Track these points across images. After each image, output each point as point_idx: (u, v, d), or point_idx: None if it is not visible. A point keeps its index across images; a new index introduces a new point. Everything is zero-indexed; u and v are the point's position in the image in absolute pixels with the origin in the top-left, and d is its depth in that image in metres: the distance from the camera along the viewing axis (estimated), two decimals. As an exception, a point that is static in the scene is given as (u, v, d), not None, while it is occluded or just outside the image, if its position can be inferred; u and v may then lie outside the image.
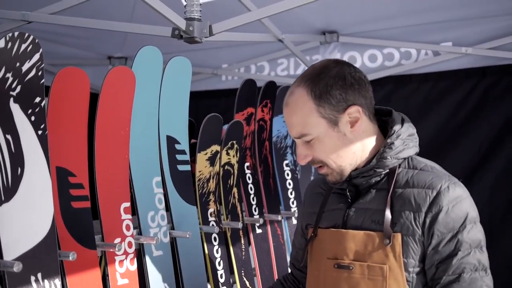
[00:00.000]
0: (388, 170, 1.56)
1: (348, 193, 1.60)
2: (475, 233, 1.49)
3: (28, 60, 1.57)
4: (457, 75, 3.43)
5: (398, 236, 1.49)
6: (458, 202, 1.48)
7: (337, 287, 1.56)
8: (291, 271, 1.89)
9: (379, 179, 1.57)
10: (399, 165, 1.56)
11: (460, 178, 1.55)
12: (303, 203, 1.82)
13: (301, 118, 1.53)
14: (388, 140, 1.55)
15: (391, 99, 3.57)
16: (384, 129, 1.62)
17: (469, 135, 3.39)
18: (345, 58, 3.64)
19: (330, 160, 1.55)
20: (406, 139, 1.57)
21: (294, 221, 2.85)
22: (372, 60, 3.59)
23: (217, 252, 2.29)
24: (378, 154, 1.55)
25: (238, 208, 2.47)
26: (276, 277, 2.63)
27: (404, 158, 1.57)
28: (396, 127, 1.57)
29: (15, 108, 1.55)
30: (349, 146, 1.54)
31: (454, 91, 3.43)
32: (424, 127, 3.44)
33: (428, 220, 1.47)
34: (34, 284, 1.54)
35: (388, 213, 1.50)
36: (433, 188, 1.49)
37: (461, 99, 3.43)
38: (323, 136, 1.53)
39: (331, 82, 1.51)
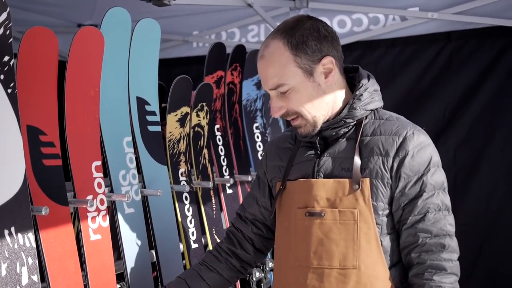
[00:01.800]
0: (355, 121, 1.64)
1: (318, 145, 1.67)
2: (438, 176, 1.60)
3: (-4, 19, 1.59)
4: (424, 40, 3.49)
5: (367, 180, 1.59)
6: (423, 147, 1.59)
7: (309, 234, 1.63)
8: (233, 231, 1.88)
9: (347, 130, 1.65)
10: (366, 116, 1.66)
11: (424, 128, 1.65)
12: (265, 157, 1.86)
13: (278, 68, 1.59)
14: (357, 92, 1.64)
15: (360, 64, 3.49)
16: (351, 85, 1.70)
17: (435, 98, 3.48)
18: (315, 24, 3.68)
19: (305, 110, 1.62)
20: (372, 92, 1.67)
21: (265, 182, 2.91)
22: (341, 26, 3.63)
23: (188, 210, 2.35)
24: (348, 105, 1.64)
25: (209, 169, 2.53)
26: (247, 236, 2.71)
27: (371, 110, 1.66)
28: (364, 81, 1.66)
29: (-17, 67, 1.58)
30: (323, 96, 1.62)
31: (420, 56, 3.50)
32: (392, 91, 3.52)
33: (395, 164, 1.58)
34: (7, 237, 1.58)
35: (357, 160, 1.60)
36: (399, 134, 1.60)
37: (427, 64, 3.50)
38: (299, 86, 1.59)
39: (306, 33, 1.59)
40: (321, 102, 1.62)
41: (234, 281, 1.90)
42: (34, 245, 1.65)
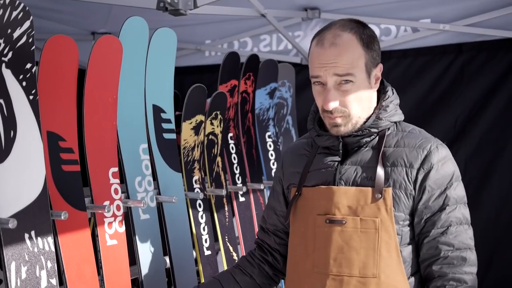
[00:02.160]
0: (378, 132, 1.66)
1: (340, 152, 1.67)
2: (460, 190, 1.63)
3: (19, 27, 1.63)
4: (435, 51, 3.52)
5: (389, 190, 1.59)
6: (446, 161, 1.61)
7: (329, 241, 1.63)
8: (260, 243, 1.90)
9: (369, 140, 1.66)
10: (389, 128, 1.67)
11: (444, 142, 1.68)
12: (281, 165, 1.86)
13: (351, 59, 1.58)
14: (384, 103, 1.67)
15: None
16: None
17: (446, 110, 3.50)
18: (327, 34, 3.71)
19: (355, 109, 1.62)
20: (396, 105, 1.70)
21: (276, 191, 2.94)
22: (353, 37, 3.66)
23: (201, 217, 2.37)
24: (374, 115, 1.65)
25: (222, 177, 2.55)
26: (258, 244, 2.72)
27: (394, 122, 1.68)
28: (389, 93, 1.69)
29: (7, 74, 1.61)
30: (370, 100, 1.66)
31: (431, 67, 3.53)
32: (403, 102, 3.46)
33: (420, 177, 1.59)
34: (28, 241, 1.61)
35: (380, 169, 1.61)
36: (423, 147, 1.61)
37: (438, 75, 3.52)
38: (361, 83, 1.61)
39: (373, 35, 1.64)
40: (368, 104, 1.65)
41: None
42: (53, 249, 1.68)
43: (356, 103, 1.61)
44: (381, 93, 1.70)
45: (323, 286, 1.62)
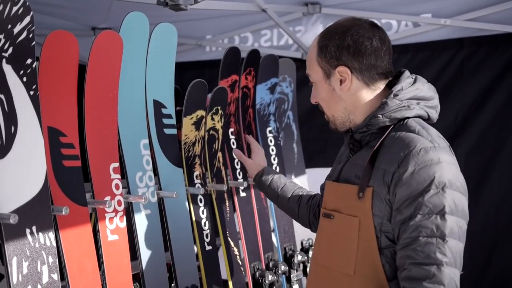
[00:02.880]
0: (381, 129, 1.61)
1: (350, 148, 1.71)
2: (438, 198, 1.45)
3: (20, 23, 1.63)
4: (436, 46, 3.52)
5: (370, 190, 1.54)
6: (428, 166, 1.46)
7: (321, 233, 1.74)
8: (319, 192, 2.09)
9: (374, 137, 1.63)
10: (394, 125, 1.59)
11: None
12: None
13: (309, 61, 1.73)
14: (383, 100, 1.60)
15: None
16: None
17: (447, 105, 3.47)
18: (327, 29, 3.70)
19: (325, 107, 1.73)
20: (407, 100, 1.59)
21: (277, 186, 2.93)
22: (354, 31, 3.65)
23: (202, 213, 2.37)
24: (372, 113, 1.62)
25: (223, 172, 2.55)
26: (260, 239, 2.73)
27: (400, 119, 1.59)
28: (396, 87, 1.60)
29: (7, 69, 1.61)
30: (338, 101, 1.68)
31: (432, 62, 3.52)
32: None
33: (394, 180, 1.50)
34: (29, 236, 1.61)
35: (366, 169, 1.56)
36: (407, 148, 1.50)
37: (439, 70, 3.52)
38: (318, 84, 1.71)
39: (332, 38, 1.63)
40: (336, 105, 1.68)
41: (300, 221, 2.18)
42: (54, 244, 1.68)
43: (323, 103, 1.72)
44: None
45: (315, 275, 1.73)
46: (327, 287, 1.66)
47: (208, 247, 2.37)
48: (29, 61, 1.67)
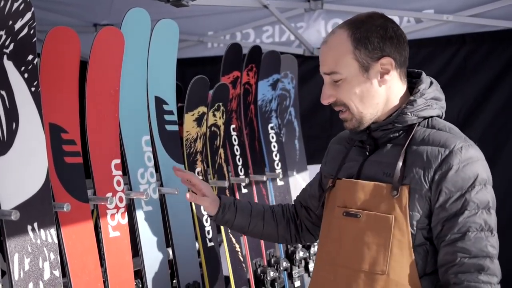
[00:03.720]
0: (407, 127, 1.62)
1: (367, 146, 1.68)
2: (483, 194, 1.53)
3: (21, 19, 1.62)
4: (438, 42, 3.51)
5: (406, 188, 1.55)
6: (470, 163, 1.53)
7: (343, 233, 1.65)
8: (295, 205, 2.02)
9: (397, 134, 1.63)
10: (419, 123, 1.62)
11: (476, 142, 1.62)
12: (326, 153, 1.91)
13: (336, 56, 1.62)
14: (411, 98, 1.62)
15: None
16: (413, 90, 1.67)
17: (449, 101, 3.43)
18: (329, 25, 3.70)
19: (353, 104, 1.62)
20: (430, 100, 1.63)
21: (279, 182, 2.94)
22: (356, 27, 3.64)
23: (204, 209, 2.37)
24: (399, 110, 1.62)
25: (224, 168, 2.55)
26: (261, 235, 2.72)
27: (425, 118, 1.63)
28: (422, 86, 1.64)
29: (8, 65, 1.61)
30: (373, 95, 1.62)
31: (435, 58, 3.51)
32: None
33: (437, 177, 1.53)
34: (30, 233, 1.61)
35: (399, 166, 1.57)
36: (446, 147, 1.54)
37: (441, 66, 3.51)
38: (352, 79, 1.61)
39: (372, 29, 1.59)
40: (370, 100, 1.62)
41: (280, 241, 2.04)
42: (56, 241, 1.68)
43: (354, 98, 1.62)
44: (416, 86, 1.67)
45: (335, 277, 1.65)
46: None
47: (209, 244, 2.37)
48: (30, 57, 1.66)
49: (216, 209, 1.93)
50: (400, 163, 1.57)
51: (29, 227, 1.61)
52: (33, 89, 1.67)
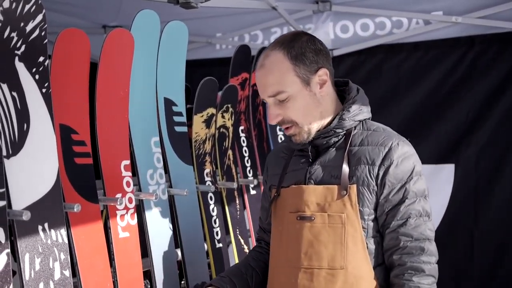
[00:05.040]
0: (345, 131, 1.74)
1: (309, 153, 1.76)
2: (420, 184, 1.69)
3: (32, 20, 1.63)
4: (447, 44, 3.49)
5: (354, 187, 1.68)
6: (406, 157, 1.69)
7: (300, 236, 1.72)
8: (259, 239, 2.00)
9: (337, 139, 1.75)
10: (355, 127, 1.75)
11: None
12: (266, 168, 1.97)
13: (278, 77, 1.68)
14: (346, 104, 1.75)
15: (382, 67, 3.64)
16: (341, 97, 1.80)
17: (458, 103, 3.48)
18: (338, 27, 3.70)
19: (301, 118, 1.71)
20: (361, 105, 1.77)
21: (287, 184, 2.94)
22: (364, 29, 3.65)
23: (213, 210, 2.38)
24: (338, 116, 1.74)
25: (233, 170, 2.56)
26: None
27: (359, 121, 1.76)
28: (353, 94, 1.77)
29: (20, 67, 1.62)
30: (317, 106, 1.72)
31: (443, 60, 3.50)
32: (414, 95, 3.53)
33: (381, 173, 1.67)
34: (41, 233, 1.62)
35: (345, 168, 1.69)
36: (385, 145, 1.69)
37: (450, 68, 3.50)
38: (297, 94, 1.69)
39: (304, 45, 1.69)
40: (315, 111, 1.72)
41: None
42: (66, 241, 1.70)
43: (300, 113, 1.70)
44: (346, 93, 1.78)
45: (296, 279, 1.71)
46: (322, 286, 1.68)
47: (218, 245, 2.38)
48: (41, 59, 1.67)
49: None
50: (345, 165, 1.69)
51: (40, 227, 1.62)
52: (44, 90, 1.68)
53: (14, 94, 1.60)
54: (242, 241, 2.54)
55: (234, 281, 1.83)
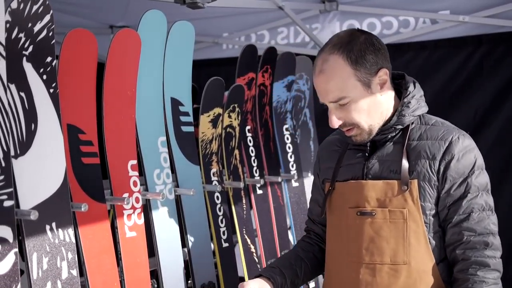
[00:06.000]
0: (403, 126, 1.73)
1: (367, 148, 1.76)
2: (482, 178, 1.69)
3: (40, 21, 1.65)
4: (454, 43, 3.48)
5: (415, 182, 1.68)
6: (468, 151, 1.68)
7: (361, 232, 1.73)
8: (309, 230, 2.01)
9: (394, 134, 1.75)
10: (412, 122, 1.74)
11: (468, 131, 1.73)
12: (317, 160, 1.98)
13: (339, 83, 1.67)
14: (405, 100, 1.73)
15: None
16: (397, 91, 1.78)
17: (465, 102, 3.46)
18: (344, 26, 3.69)
19: (363, 121, 1.71)
20: (418, 98, 1.76)
21: (294, 184, 2.94)
22: (371, 29, 3.63)
23: (219, 210, 2.38)
24: (397, 112, 1.73)
25: (240, 169, 2.56)
26: (276, 236, 2.73)
27: (417, 116, 1.75)
28: (411, 88, 1.75)
29: (28, 67, 1.63)
30: (378, 106, 1.72)
31: (450, 59, 3.49)
32: (421, 95, 3.52)
33: (442, 167, 1.67)
34: (49, 232, 1.63)
35: (405, 162, 1.69)
36: (445, 139, 1.68)
37: (457, 67, 3.48)
38: (358, 98, 1.69)
39: (364, 47, 1.67)
40: (377, 111, 1.72)
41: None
42: (73, 240, 1.70)
43: (362, 115, 1.70)
44: (402, 88, 1.76)
45: (357, 274, 1.73)
46: (385, 282, 1.70)
47: (225, 244, 2.38)
48: (49, 59, 1.69)
49: None
50: (405, 160, 1.69)
51: (48, 227, 1.63)
52: (51, 90, 1.69)
53: (22, 94, 1.61)
54: (248, 240, 2.54)
55: (284, 272, 1.83)
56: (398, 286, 1.69)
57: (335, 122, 1.72)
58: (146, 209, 2.07)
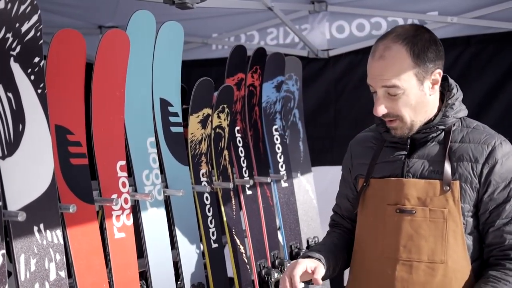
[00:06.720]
0: (445, 127, 1.77)
1: (407, 146, 1.79)
2: None
3: (27, 21, 1.63)
4: (443, 44, 3.49)
5: (457, 183, 1.72)
6: (510, 156, 1.72)
7: (399, 229, 1.76)
8: (336, 224, 2.04)
9: (435, 135, 1.78)
10: (454, 124, 1.78)
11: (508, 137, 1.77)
12: (350, 156, 1.99)
13: (397, 72, 1.68)
14: (449, 101, 1.77)
15: None
16: (440, 92, 1.81)
17: (454, 103, 3.48)
18: (333, 27, 3.71)
19: (407, 115, 1.73)
20: (460, 101, 1.80)
21: (283, 184, 2.94)
22: (360, 29, 3.65)
23: (208, 211, 2.38)
24: (441, 113, 1.76)
25: (229, 170, 2.56)
26: (266, 237, 2.73)
27: (459, 118, 1.79)
28: (455, 91, 1.80)
29: (15, 67, 1.62)
30: (425, 104, 1.74)
31: (439, 60, 3.50)
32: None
33: (485, 171, 1.71)
34: (37, 234, 1.62)
35: (447, 164, 1.73)
36: (488, 143, 1.72)
37: (446, 68, 3.47)
38: (409, 92, 1.70)
39: (427, 45, 1.70)
40: (422, 109, 1.74)
41: None
42: (61, 241, 1.69)
43: (408, 109, 1.72)
44: (445, 90, 1.79)
45: (393, 270, 1.76)
46: (421, 279, 1.72)
47: (214, 245, 2.38)
48: (36, 59, 1.67)
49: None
50: (447, 161, 1.73)
51: (35, 228, 1.62)
52: (39, 91, 1.68)
53: (10, 94, 1.60)
54: (238, 241, 2.53)
55: (329, 259, 1.83)
56: (433, 284, 1.72)
57: (381, 110, 1.73)
58: (135, 210, 2.06)
